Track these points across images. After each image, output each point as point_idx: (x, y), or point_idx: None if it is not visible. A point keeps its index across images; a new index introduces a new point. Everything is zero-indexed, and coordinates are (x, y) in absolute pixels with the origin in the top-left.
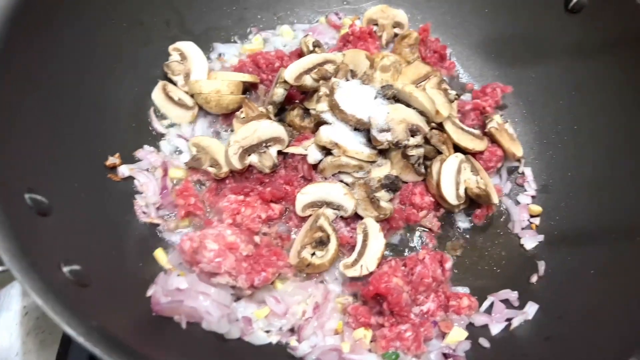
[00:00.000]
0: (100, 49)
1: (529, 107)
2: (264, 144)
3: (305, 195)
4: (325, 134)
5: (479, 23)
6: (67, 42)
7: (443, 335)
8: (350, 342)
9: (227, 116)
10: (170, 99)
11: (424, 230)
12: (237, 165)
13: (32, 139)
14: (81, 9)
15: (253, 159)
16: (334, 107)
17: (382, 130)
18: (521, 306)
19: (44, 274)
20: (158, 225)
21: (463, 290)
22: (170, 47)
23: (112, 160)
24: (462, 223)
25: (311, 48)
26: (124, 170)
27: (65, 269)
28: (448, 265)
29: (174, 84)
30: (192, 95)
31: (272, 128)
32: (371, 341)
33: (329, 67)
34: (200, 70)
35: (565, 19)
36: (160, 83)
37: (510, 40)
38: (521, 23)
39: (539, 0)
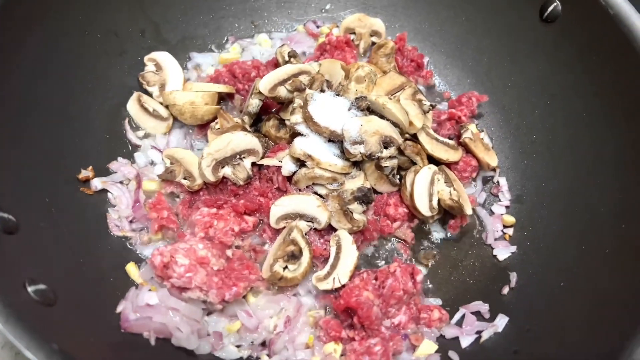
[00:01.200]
0: (74, 60)
1: (504, 116)
2: (237, 156)
3: (279, 207)
4: (299, 146)
5: (456, 32)
6: (39, 52)
7: (414, 348)
8: (320, 356)
9: (203, 127)
10: (145, 110)
11: (398, 241)
12: (210, 177)
13: None
14: (53, 20)
15: (227, 171)
16: (308, 119)
17: (354, 143)
18: (492, 318)
19: (6, 295)
20: (131, 238)
21: (435, 301)
22: (146, 58)
23: (85, 173)
24: (437, 233)
25: (287, 58)
26: (97, 183)
27: (30, 289)
28: (419, 277)
29: (149, 94)
30: (167, 107)
31: (246, 140)
32: (341, 355)
33: (304, 78)
34: (176, 80)
35: (540, 28)
36: (135, 94)
37: (487, 49)
38: (497, 32)
39: (514, 10)
